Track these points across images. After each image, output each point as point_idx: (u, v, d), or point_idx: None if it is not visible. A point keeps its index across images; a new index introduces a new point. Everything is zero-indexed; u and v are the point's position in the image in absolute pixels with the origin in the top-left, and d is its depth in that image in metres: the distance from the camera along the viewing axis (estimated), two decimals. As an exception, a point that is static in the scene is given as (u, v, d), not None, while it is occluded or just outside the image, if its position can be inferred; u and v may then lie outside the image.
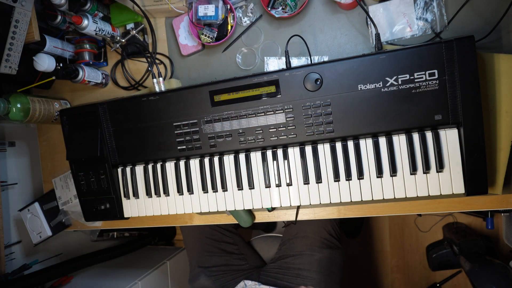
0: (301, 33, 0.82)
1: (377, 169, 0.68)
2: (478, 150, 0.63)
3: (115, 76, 0.97)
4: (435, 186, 0.66)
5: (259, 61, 0.86)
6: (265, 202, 0.75)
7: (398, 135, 0.68)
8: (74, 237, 1.37)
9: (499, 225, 1.56)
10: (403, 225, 1.74)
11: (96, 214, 0.85)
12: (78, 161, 0.84)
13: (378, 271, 1.78)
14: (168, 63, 0.92)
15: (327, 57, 0.82)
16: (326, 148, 0.71)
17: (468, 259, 1.42)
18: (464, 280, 1.64)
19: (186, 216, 0.94)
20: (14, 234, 1.13)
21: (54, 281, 1.17)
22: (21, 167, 1.15)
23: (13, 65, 0.78)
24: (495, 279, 1.29)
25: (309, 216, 0.86)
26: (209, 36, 0.83)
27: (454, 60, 0.62)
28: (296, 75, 0.69)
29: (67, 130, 0.84)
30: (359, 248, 1.79)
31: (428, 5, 0.76)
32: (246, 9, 0.86)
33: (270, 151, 0.74)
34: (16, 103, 0.84)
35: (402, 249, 1.75)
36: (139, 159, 0.81)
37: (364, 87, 0.66)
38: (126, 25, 0.91)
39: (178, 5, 0.85)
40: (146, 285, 1.25)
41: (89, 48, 0.93)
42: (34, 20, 0.79)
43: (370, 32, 0.79)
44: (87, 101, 1.00)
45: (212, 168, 0.78)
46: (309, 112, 0.70)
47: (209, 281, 1.04)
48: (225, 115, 0.74)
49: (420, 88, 0.64)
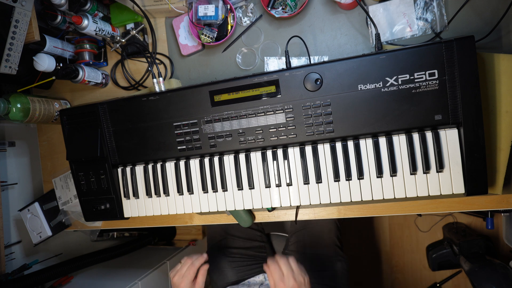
0: (301, 33, 0.82)
1: (377, 169, 0.68)
2: (478, 150, 0.63)
3: (115, 76, 0.97)
4: (435, 186, 0.66)
5: (259, 61, 0.86)
6: (265, 202, 0.75)
7: (398, 135, 0.68)
8: (74, 237, 1.37)
9: (499, 225, 1.56)
10: (403, 225, 1.74)
11: (96, 214, 0.85)
12: (78, 161, 0.84)
13: (378, 271, 1.78)
14: (168, 63, 0.92)
15: (327, 57, 0.82)
16: (326, 148, 0.71)
17: (468, 259, 1.42)
18: (464, 280, 1.65)
19: (186, 216, 0.94)
20: (14, 234, 1.12)
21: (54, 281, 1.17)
22: (21, 167, 1.15)
23: (13, 65, 0.78)
24: (495, 279, 1.29)
25: (309, 216, 0.86)
26: (209, 36, 0.83)
27: (454, 60, 0.62)
28: (296, 75, 0.69)
29: (67, 130, 0.84)
30: (359, 248, 1.79)
31: (428, 5, 0.76)
32: (246, 9, 0.85)
33: (270, 151, 0.74)
34: (16, 103, 0.84)
35: (402, 249, 1.75)
36: (139, 159, 0.81)
37: (364, 87, 0.66)
38: (126, 25, 0.91)
39: (178, 5, 0.85)
40: (146, 285, 1.25)
41: (89, 48, 0.93)
42: (34, 20, 0.79)
43: (370, 32, 0.79)
44: (87, 101, 1.00)
45: (212, 168, 0.78)
46: (309, 112, 0.70)
47: (226, 262, 1.03)
48: (225, 115, 0.74)
49: (420, 88, 0.64)
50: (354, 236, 1.79)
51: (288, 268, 0.70)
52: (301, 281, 0.70)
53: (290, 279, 0.69)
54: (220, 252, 1.06)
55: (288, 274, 0.69)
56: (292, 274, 0.69)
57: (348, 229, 1.79)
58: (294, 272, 0.70)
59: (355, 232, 1.79)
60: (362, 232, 1.79)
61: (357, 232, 1.79)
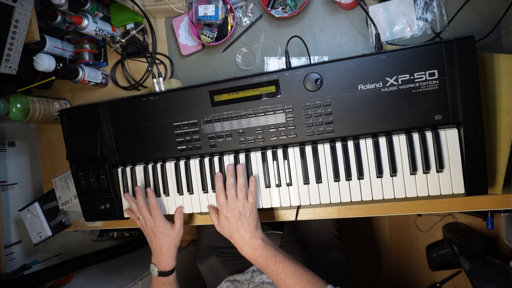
0: (301, 33, 0.82)
1: (377, 169, 0.68)
2: (478, 150, 0.63)
3: (115, 76, 0.97)
4: (435, 186, 0.66)
5: (259, 61, 0.86)
6: (265, 202, 0.75)
7: (398, 135, 0.68)
8: (74, 237, 1.37)
9: (499, 225, 1.56)
10: (403, 225, 1.74)
11: (96, 214, 0.85)
12: (78, 161, 0.84)
13: (378, 271, 1.78)
14: (168, 63, 0.92)
15: (327, 57, 0.82)
16: (326, 148, 0.71)
17: (468, 259, 1.42)
18: (464, 280, 1.64)
19: (186, 216, 0.94)
20: (14, 234, 1.12)
21: (54, 281, 1.17)
22: (21, 167, 1.15)
23: (13, 65, 0.78)
24: (495, 279, 1.29)
25: (309, 216, 0.86)
26: (209, 36, 0.83)
27: (454, 60, 0.62)
28: (296, 75, 0.69)
29: (67, 130, 0.84)
30: (359, 248, 1.79)
31: (428, 5, 0.76)
32: (246, 9, 0.85)
33: (270, 151, 0.74)
34: (16, 103, 0.84)
35: (402, 249, 1.75)
36: (139, 159, 0.81)
37: (364, 87, 0.66)
38: (126, 25, 0.91)
39: (178, 5, 0.85)
40: (146, 285, 1.25)
41: (89, 48, 0.93)
42: (34, 20, 0.79)
43: (370, 32, 0.79)
44: (87, 101, 1.00)
45: (212, 168, 0.78)
46: (309, 112, 0.70)
47: (218, 260, 1.03)
48: (225, 115, 0.74)
49: (420, 88, 0.64)
50: (354, 236, 1.79)
51: (232, 191, 0.72)
52: (241, 211, 0.71)
53: (230, 204, 0.71)
54: (212, 253, 1.05)
55: (230, 199, 0.71)
56: (234, 202, 0.71)
57: (348, 229, 1.79)
58: (239, 197, 0.72)
59: (355, 232, 1.79)
60: (362, 232, 1.79)
61: (357, 232, 1.79)
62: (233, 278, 0.99)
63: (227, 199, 0.72)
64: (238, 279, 0.98)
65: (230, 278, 0.99)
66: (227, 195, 0.72)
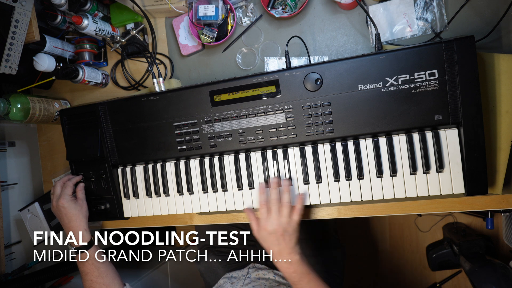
0: (301, 33, 0.82)
1: (377, 169, 0.68)
2: (478, 150, 0.63)
3: (115, 76, 0.97)
4: (435, 186, 0.67)
5: (259, 61, 0.86)
6: (265, 202, 0.75)
7: (398, 135, 0.68)
8: (74, 237, 1.37)
9: (499, 225, 1.56)
10: (403, 225, 1.74)
11: (96, 214, 0.85)
12: (78, 161, 0.84)
13: (378, 271, 1.78)
14: (168, 63, 0.92)
15: (327, 57, 0.82)
16: (326, 148, 0.71)
17: (468, 259, 1.42)
18: (464, 280, 1.64)
19: (186, 216, 0.94)
20: (14, 234, 1.12)
21: (54, 281, 1.17)
22: (21, 167, 1.15)
23: (13, 65, 0.78)
24: (495, 279, 1.29)
25: (309, 216, 0.86)
26: (209, 36, 0.83)
27: (454, 60, 0.62)
28: (296, 75, 0.69)
29: (67, 130, 0.84)
30: (359, 248, 1.79)
31: (428, 5, 0.76)
32: (246, 9, 0.85)
33: (270, 151, 0.74)
34: (16, 103, 0.84)
35: (402, 249, 1.75)
36: (139, 159, 0.81)
37: (364, 87, 0.66)
38: (126, 25, 0.91)
39: (178, 5, 0.85)
40: (146, 285, 1.25)
41: (89, 48, 0.93)
42: (34, 20, 0.79)
43: (370, 32, 0.79)
44: (87, 101, 1.00)
45: (212, 168, 0.78)
46: (309, 112, 0.70)
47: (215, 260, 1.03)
48: (225, 115, 0.74)
49: (420, 88, 0.64)
50: (354, 236, 1.79)
51: (276, 207, 0.69)
52: (285, 228, 0.69)
53: (274, 221, 0.69)
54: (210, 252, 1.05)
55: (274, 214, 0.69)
56: (278, 218, 0.69)
57: (348, 229, 1.79)
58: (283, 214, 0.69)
59: (355, 232, 1.79)
60: (362, 232, 1.79)
61: (357, 232, 1.79)
62: (230, 275, 1.00)
63: (268, 213, 0.70)
64: (234, 276, 0.98)
65: (227, 275, 1.00)
66: (269, 208, 0.70)
